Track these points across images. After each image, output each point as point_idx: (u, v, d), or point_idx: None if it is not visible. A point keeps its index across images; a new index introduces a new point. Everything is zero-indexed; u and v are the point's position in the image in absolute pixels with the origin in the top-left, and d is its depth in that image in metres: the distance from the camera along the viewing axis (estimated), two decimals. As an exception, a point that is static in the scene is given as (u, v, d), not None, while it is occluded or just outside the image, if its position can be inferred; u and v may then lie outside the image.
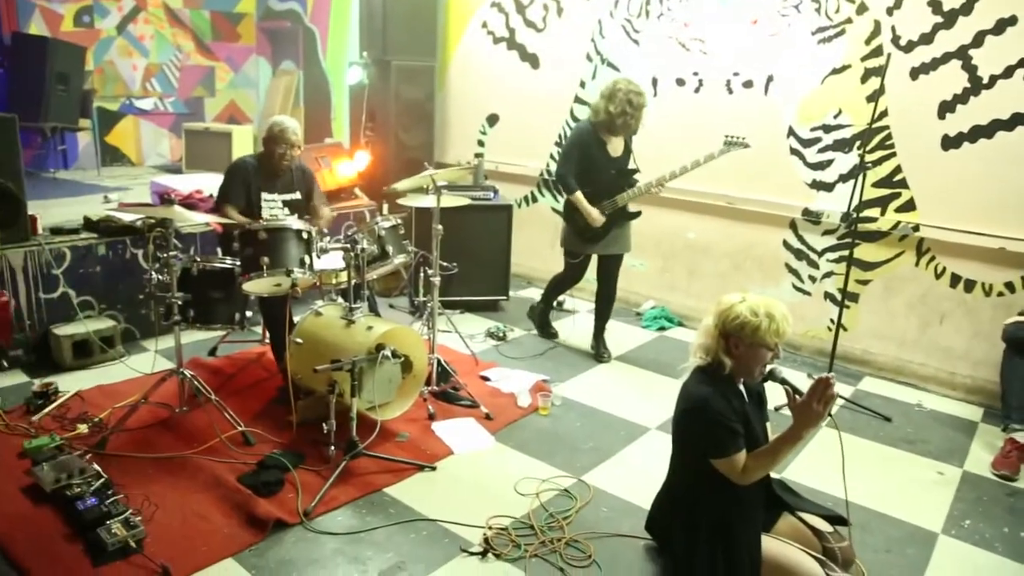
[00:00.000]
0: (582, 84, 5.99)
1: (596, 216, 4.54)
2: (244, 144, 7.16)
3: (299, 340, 3.65)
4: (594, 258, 4.93)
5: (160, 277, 3.55)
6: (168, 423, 3.68)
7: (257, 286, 3.60)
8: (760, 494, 2.68)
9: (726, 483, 2.54)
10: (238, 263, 3.64)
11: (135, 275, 4.68)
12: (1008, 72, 4.16)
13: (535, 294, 5.35)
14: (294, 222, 3.71)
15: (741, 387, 2.64)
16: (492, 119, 6.64)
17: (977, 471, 3.72)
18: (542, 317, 5.29)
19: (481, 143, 6.76)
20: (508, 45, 6.37)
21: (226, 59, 8.70)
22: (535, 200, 6.50)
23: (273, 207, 4.12)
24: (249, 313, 3.92)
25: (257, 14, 8.81)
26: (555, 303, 5.74)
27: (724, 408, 2.51)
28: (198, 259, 3.66)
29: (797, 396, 2.47)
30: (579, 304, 5.66)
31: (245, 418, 3.71)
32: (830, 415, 2.42)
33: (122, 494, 2.95)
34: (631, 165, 4.71)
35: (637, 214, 4.75)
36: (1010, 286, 4.35)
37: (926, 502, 3.41)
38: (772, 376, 2.58)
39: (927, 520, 3.26)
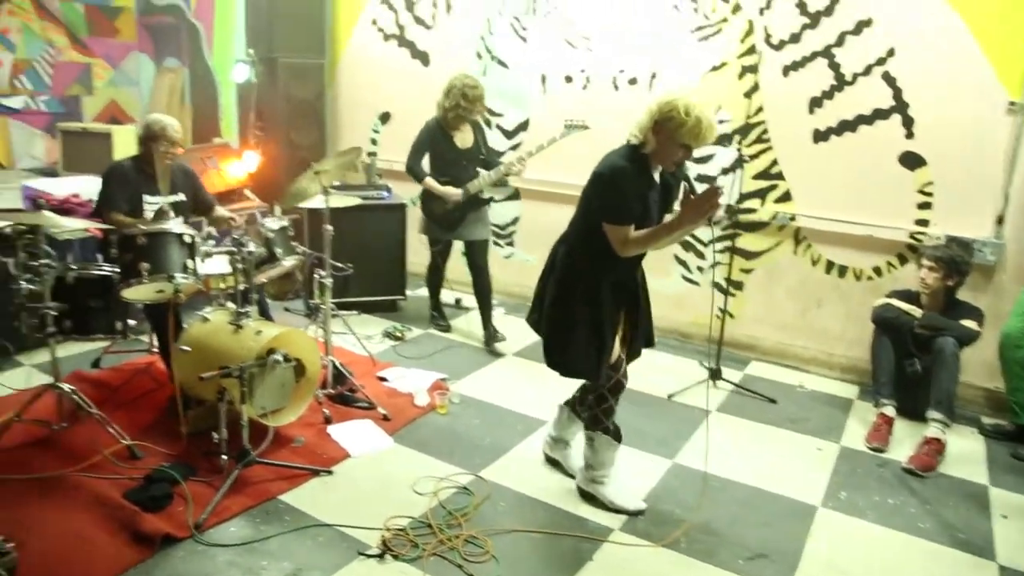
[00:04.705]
0: (474, 81, 6.00)
1: (451, 192, 4.78)
2: (126, 145, 6.77)
3: (185, 347, 3.53)
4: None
5: (31, 287, 3.37)
6: (46, 441, 3.49)
7: (138, 293, 3.47)
8: (633, 274, 3.12)
9: (609, 251, 2.89)
10: (117, 270, 3.49)
11: (5, 286, 4.39)
12: (867, 70, 4.44)
13: (433, 293, 5.37)
14: (176, 225, 3.57)
15: (656, 175, 2.94)
16: (385, 117, 6.58)
17: (852, 445, 3.96)
18: (432, 311, 5.39)
19: (374, 141, 6.69)
20: (399, 42, 6.33)
21: (104, 55, 8.26)
22: (431, 198, 6.48)
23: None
24: (133, 322, 3.76)
25: (137, 8, 8.41)
26: (455, 301, 5.78)
27: (631, 184, 2.83)
28: (74, 267, 3.50)
29: (691, 195, 2.78)
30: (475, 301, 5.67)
31: (133, 431, 3.57)
32: (709, 220, 2.84)
33: (-9, 520, 2.79)
34: (484, 154, 4.97)
35: (489, 200, 5.08)
36: (877, 271, 4.66)
37: (806, 478, 3.61)
38: (680, 171, 2.91)
39: (807, 495, 3.45)
